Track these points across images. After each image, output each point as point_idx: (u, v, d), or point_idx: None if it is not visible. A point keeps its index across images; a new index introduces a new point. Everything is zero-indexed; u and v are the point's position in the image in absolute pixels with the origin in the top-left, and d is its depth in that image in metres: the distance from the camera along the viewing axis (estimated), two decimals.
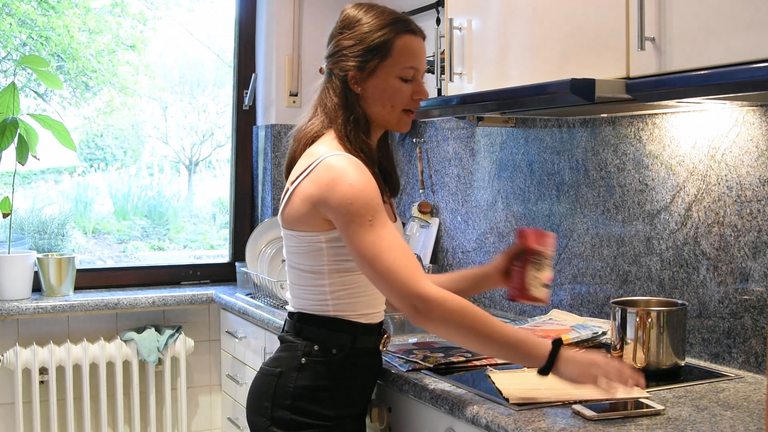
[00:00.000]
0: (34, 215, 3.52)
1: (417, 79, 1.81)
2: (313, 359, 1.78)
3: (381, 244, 1.64)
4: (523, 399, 1.66)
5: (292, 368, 1.79)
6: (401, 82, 1.78)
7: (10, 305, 2.97)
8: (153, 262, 3.81)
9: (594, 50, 1.83)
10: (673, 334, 1.84)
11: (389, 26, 1.78)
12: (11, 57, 3.62)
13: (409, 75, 1.79)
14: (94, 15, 3.76)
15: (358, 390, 1.84)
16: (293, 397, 1.77)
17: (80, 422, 3.13)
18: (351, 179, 1.68)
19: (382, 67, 1.77)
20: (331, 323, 1.78)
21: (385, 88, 1.78)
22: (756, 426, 1.51)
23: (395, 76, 1.78)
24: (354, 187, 1.67)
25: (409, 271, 1.63)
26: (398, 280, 1.62)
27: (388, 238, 1.65)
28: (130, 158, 4.22)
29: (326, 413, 1.78)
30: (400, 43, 1.77)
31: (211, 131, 4.23)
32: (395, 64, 1.77)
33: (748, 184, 1.91)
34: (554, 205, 2.52)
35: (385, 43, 1.77)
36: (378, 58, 1.77)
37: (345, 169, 1.69)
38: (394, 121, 1.82)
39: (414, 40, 1.80)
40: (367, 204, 1.66)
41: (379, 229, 1.66)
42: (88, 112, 3.95)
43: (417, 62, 1.80)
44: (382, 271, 1.64)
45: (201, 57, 4.14)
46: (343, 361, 1.79)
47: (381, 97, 1.79)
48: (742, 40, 1.50)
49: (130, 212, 4.05)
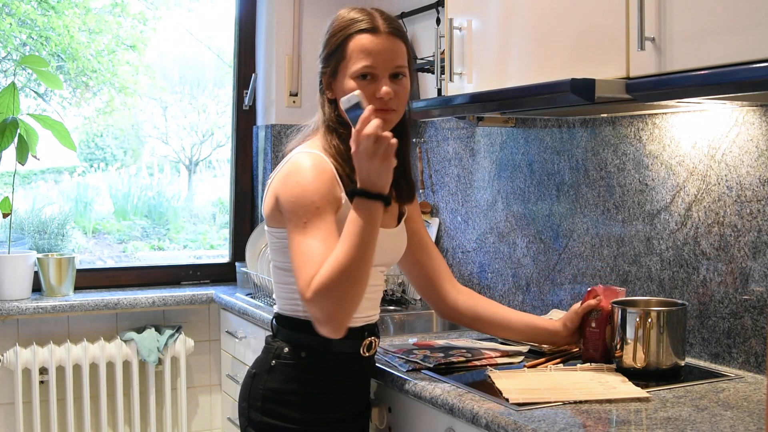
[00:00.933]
0: (34, 215, 3.52)
1: (377, 77, 1.76)
2: (282, 361, 1.80)
3: (300, 248, 1.65)
4: (523, 399, 1.66)
5: (264, 370, 1.82)
6: (358, 83, 1.75)
7: (10, 305, 2.97)
8: (153, 262, 3.81)
9: (594, 50, 1.83)
10: (673, 334, 1.83)
11: (345, 27, 1.77)
12: (11, 57, 3.62)
13: (363, 73, 1.75)
14: (94, 15, 3.76)
15: (334, 395, 1.83)
16: (263, 399, 1.81)
17: (80, 422, 3.13)
18: (300, 178, 1.70)
19: (341, 69, 1.78)
20: (303, 325, 1.78)
21: (343, 89, 1.76)
22: (756, 426, 1.51)
23: (351, 77, 1.76)
24: (299, 185, 1.69)
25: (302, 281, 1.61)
26: (298, 287, 1.62)
27: (309, 243, 1.64)
28: (130, 158, 4.22)
29: (295, 416, 1.79)
30: (352, 43, 1.76)
31: (211, 131, 4.23)
32: (349, 66, 1.76)
33: (748, 184, 1.91)
34: (554, 205, 2.52)
35: (340, 45, 1.77)
36: (336, 60, 1.78)
37: (300, 168, 1.72)
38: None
39: (368, 38, 1.75)
40: (306, 206, 1.67)
41: (309, 232, 1.65)
42: (88, 112, 3.95)
43: (371, 60, 1.75)
44: (293, 271, 1.65)
45: (201, 57, 4.14)
46: (313, 364, 1.79)
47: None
48: (742, 40, 1.50)
49: (130, 212, 4.05)
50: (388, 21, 1.79)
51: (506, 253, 2.73)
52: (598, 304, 1.95)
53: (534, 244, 2.60)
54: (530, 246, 2.62)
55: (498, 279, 2.78)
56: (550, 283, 2.54)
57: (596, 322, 1.94)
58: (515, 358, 2.03)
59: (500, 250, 2.76)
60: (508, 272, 2.73)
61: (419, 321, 2.89)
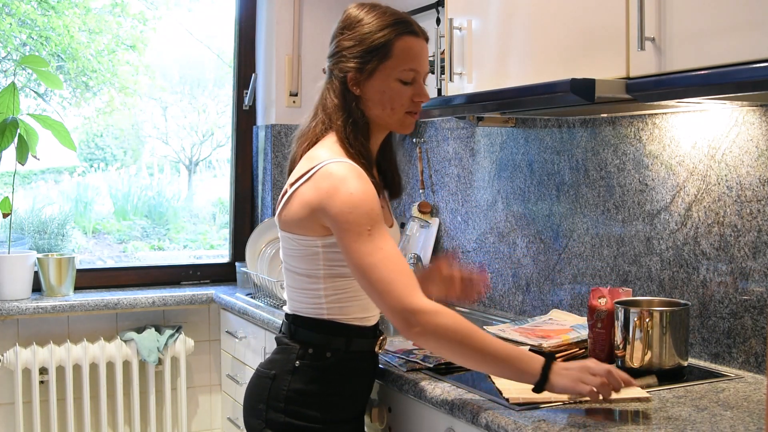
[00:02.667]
0: (34, 215, 3.52)
1: (418, 81, 1.78)
2: (306, 362, 1.78)
3: (377, 255, 1.62)
4: (523, 399, 1.66)
5: (286, 371, 1.79)
6: (401, 85, 1.76)
7: (10, 305, 2.97)
8: (153, 262, 3.81)
9: (594, 50, 1.83)
10: (676, 335, 1.83)
11: (390, 27, 1.75)
12: (11, 57, 3.62)
13: (409, 77, 1.76)
14: (94, 15, 3.76)
15: (352, 394, 1.84)
16: (287, 401, 1.78)
17: (80, 422, 3.13)
18: (351, 188, 1.66)
19: (382, 68, 1.75)
20: (326, 326, 1.78)
21: (384, 90, 1.75)
22: (756, 426, 1.51)
23: (395, 78, 1.75)
24: (354, 196, 1.65)
25: (402, 285, 1.61)
26: (391, 293, 1.60)
27: (385, 249, 1.63)
28: (130, 158, 4.22)
29: (320, 416, 1.78)
30: (401, 44, 1.75)
31: (211, 131, 4.23)
32: (395, 66, 1.75)
33: (748, 184, 1.91)
34: (554, 205, 2.52)
35: (385, 44, 1.74)
36: (377, 59, 1.75)
37: (345, 177, 1.67)
38: (396, 123, 1.80)
39: (415, 41, 1.77)
40: (366, 213, 1.64)
41: (377, 240, 1.64)
42: (88, 112, 3.95)
43: (417, 64, 1.77)
44: (375, 282, 1.62)
45: (201, 57, 4.14)
46: (336, 364, 1.79)
47: (380, 99, 1.76)
48: (742, 40, 1.50)
49: (130, 212, 4.05)
50: (421, 26, 1.81)
51: (506, 253, 2.73)
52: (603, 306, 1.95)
53: (534, 244, 2.60)
54: (530, 246, 2.62)
55: (498, 279, 2.78)
56: (550, 283, 2.54)
57: (602, 323, 1.94)
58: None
59: (500, 250, 2.76)
60: (508, 272, 2.73)
61: None
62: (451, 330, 1.59)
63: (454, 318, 1.61)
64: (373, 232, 1.64)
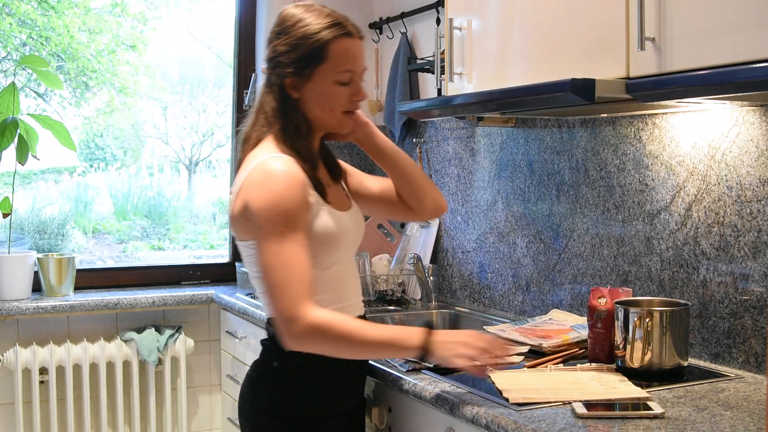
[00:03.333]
0: (34, 215, 3.52)
1: (355, 81, 1.80)
2: (284, 362, 1.81)
3: (280, 257, 1.64)
4: (523, 399, 1.66)
5: (266, 373, 1.83)
6: (338, 86, 1.77)
7: (10, 305, 2.97)
8: (153, 262, 3.81)
9: (594, 50, 1.83)
10: (676, 335, 1.83)
11: (324, 30, 1.75)
12: (11, 57, 3.62)
13: (346, 78, 1.77)
14: (94, 15, 3.76)
15: (335, 390, 1.84)
16: (268, 402, 1.82)
17: (80, 422, 3.14)
18: (273, 186, 1.67)
19: (319, 71, 1.76)
20: None
21: (322, 92, 1.77)
22: (756, 426, 1.51)
23: (332, 80, 1.76)
24: (275, 193, 1.66)
25: (292, 292, 1.62)
26: (280, 298, 1.63)
27: (290, 253, 1.64)
28: (130, 158, 4.22)
29: (302, 415, 1.80)
30: (336, 47, 1.75)
31: (211, 131, 4.23)
32: (332, 69, 1.76)
33: (748, 184, 1.91)
34: (554, 205, 2.52)
35: (320, 48, 1.75)
36: (314, 63, 1.76)
37: (271, 175, 1.68)
38: (335, 124, 1.83)
39: (350, 42, 1.77)
40: (282, 214, 1.65)
41: (286, 243, 1.65)
42: (88, 112, 3.95)
43: (353, 65, 1.78)
44: (270, 284, 1.65)
45: (201, 57, 4.14)
46: (314, 362, 1.79)
47: (319, 102, 1.78)
48: (742, 40, 1.50)
49: (130, 212, 4.05)
50: (355, 25, 1.81)
51: (506, 253, 2.73)
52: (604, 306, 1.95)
53: (534, 244, 2.61)
54: (530, 246, 2.62)
55: (498, 279, 2.78)
56: (550, 283, 2.54)
57: (602, 323, 1.94)
58: (515, 358, 2.03)
59: (500, 250, 2.76)
60: (508, 272, 2.73)
61: (419, 321, 2.89)
62: (329, 335, 1.63)
63: (330, 322, 1.63)
64: (285, 234, 1.65)
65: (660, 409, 1.58)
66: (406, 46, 3.25)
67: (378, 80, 3.54)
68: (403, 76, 3.22)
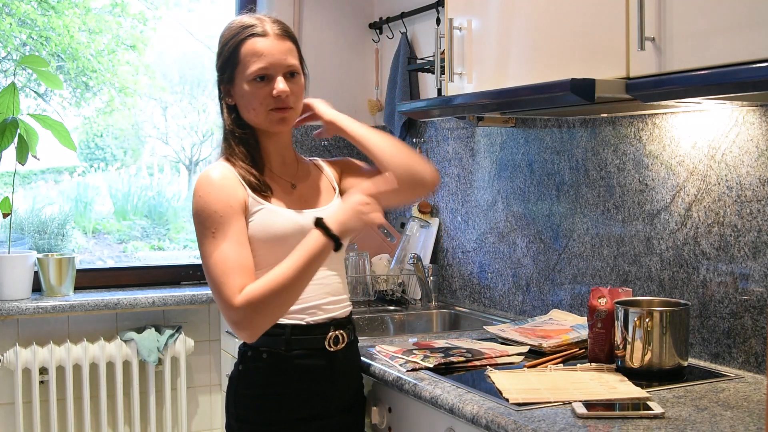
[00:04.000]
0: (34, 215, 3.52)
1: (271, 77, 1.81)
2: (247, 365, 1.85)
3: (215, 257, 1.72)
4: (523, 399, 1.66)
5: (234, 376, 1.89)
6: (255, 86, 1.81)
7: (10, 305, 2.97)
8: (153, 262, 3.81)
9: (594, 50, 1.83)
10: (676, 335, 1.83)
11: (234, 36, 1.83)
12: (11, 57, 3.62)
13: (258, 75, 1.81)
14: (94, 15, 3.76)
15: (304, 393, 1.84)
16: (236, 405, 1.86)
17: (80, 422, 3.13)
18: (201, 191, 1.76)
19: (237, 74, 1.83)
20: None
21: (242, 94, 1.83)
22: (756, 426, 1.51)
23: (246, 80, 1.81)
24: (202, 198, 1.75)
25: (227, 287, 1.68)
26: (220, 294, 1.70)
27: (223, 250, 1.71)
28: (130, 158, 4.22)
29: (266, 418, 1.82)
30: (244, 49, 1.82)
31: (211, 131, 4.23)
32: (244, 70, 1.82)
33: (748, 184, 1.91)
34: (554, 205, 2.52)
35: (232, 53, 1.83)
36: (230, 68, 1.84)
37: (201, 181, 1.78)
38: (265, 123, 1.86)
39: (259, 41, 1.81)
40: (211, 215, 1.73)
41: (219, 241, 1.72)
42: (88, 112, 3.95)
43: (264, 62, 1.80)
44: (210, 283, 1.73)
45: (201, 57, 4.14)
46: (276, 365, 1.81)
47: (244, 104, 1.84)
48: (742, 40, 1.50)
49: (130, 212, 4.04)
50: (277, 23, 1.85)
51: (506, 253, 2.73)
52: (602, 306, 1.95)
53: (534, 244, 2.61)
54: (530, 246, 2.62)
55: (498, 279, 2.78)
56: (550, 283, 2.54)
57: (602, 323, 1.94)
58: (515, 358, 2.03)
59: (500, 250, 2.76)
60: (508, 272, 2.73)
61: (419, 321, 2.89)
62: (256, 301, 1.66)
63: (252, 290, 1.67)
64: (216, 234, 1.73)
65: (660, 409, 1.58)
66: (406, 46, 3.25)
67: (378, 80, 3.54)
68: (403, 76, 3.22)
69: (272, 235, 1.80)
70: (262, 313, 1.67)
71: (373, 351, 2.13)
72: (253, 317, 1.67)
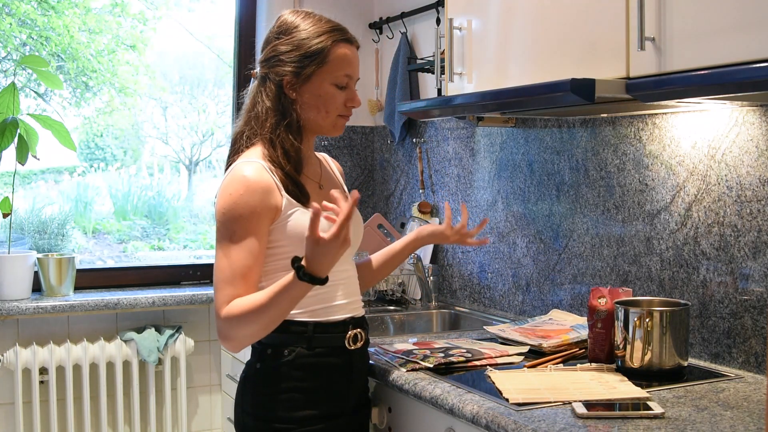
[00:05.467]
0: (34, 215, 3.52)
1: (350, 86, 1.85)
2: (266, 363, 1.83)
3: (224, 261, 1.71)
4: (523, 399, 1.66)
5: (250, 374, 1.86)
6: (336, 89, 1.82)
7: (10, 305, 2.97)
8: (153, 262, 3.81)
9: (594, 50, 1.83)
10: (676, 335, 1.83)
11: (326, 34, 1.81)
12: (11, 57, 3.62)
13: (343, 82, 1.83)
14: (94, 15, 3.76)
15: (322, 392, 1.83)
16: (253, 404, 1.84)
17: (80, 422, 3.13)
18: (232, 190, 1.73)
19: (319, 73, 1.81)
20: (284, 325, 1.78)
21: (320, 94, 1.82)
22: (756, 426, 1.51)
23: (330, 82, 1.81)
24: (231, 197, 1.72)
25: (222, 294, 1.69)
26: (216, 298, 1.70)
27: (233, 258, 1.70)
28: (130, 158, 4.22)
29: (285, 416, 1.80)
30: (337, 51, 1.81)
31: (211, 131, 4.23)
32: (331, 71, 1.81)
33: (748, 184, 1.91)
34: (554, 205, 2.52)
35: (322, 50, 1.80)
36: (315, 64, 1.81)
37: (236, 178, 1.74)
38: (329, 126, 1.86)
39: (349, 48, 1.84)
40: (236, 218, 1.71)
41: (234, 248, 1.71)
42: (88, 112, 3.95)
43: (351, 70, 1.84)
44: (214, 285, 1.73)
45: (201, 57, 4.14)
46: (296, 363, 1.80)
47: (316, 103, 1.82)
48: (742, 40, 1.50)
49: (130, 212, 4.04)
50: (354, 35, 1.88)
51: (506, 253, 2.73)
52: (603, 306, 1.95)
53: (534, 244, 2.61)
54: (530, 246, 2.62)
55: (498, 279, 2.78)
56: (550, 283, 2.54)
57: (602, 323, 1.94)
58: (515, 358, 2.03)
59: (500, 250, 2.76)
60: (508, 272, 2.73)
61: (419, 321, 2.89)
62: (233, 320, 1.67)
63: (231, 309, 1.67)
64: (234, 239, 1.71)
65: (660, 409, 1.58)
66: (406, 46, 3.25)
67: (378, 80, 3.54)
68: (403, 76, 3.22)
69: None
70: (238, 329, 1.68)
71: (373, 351, 2.13)
72: (229, 332, 1.68)
